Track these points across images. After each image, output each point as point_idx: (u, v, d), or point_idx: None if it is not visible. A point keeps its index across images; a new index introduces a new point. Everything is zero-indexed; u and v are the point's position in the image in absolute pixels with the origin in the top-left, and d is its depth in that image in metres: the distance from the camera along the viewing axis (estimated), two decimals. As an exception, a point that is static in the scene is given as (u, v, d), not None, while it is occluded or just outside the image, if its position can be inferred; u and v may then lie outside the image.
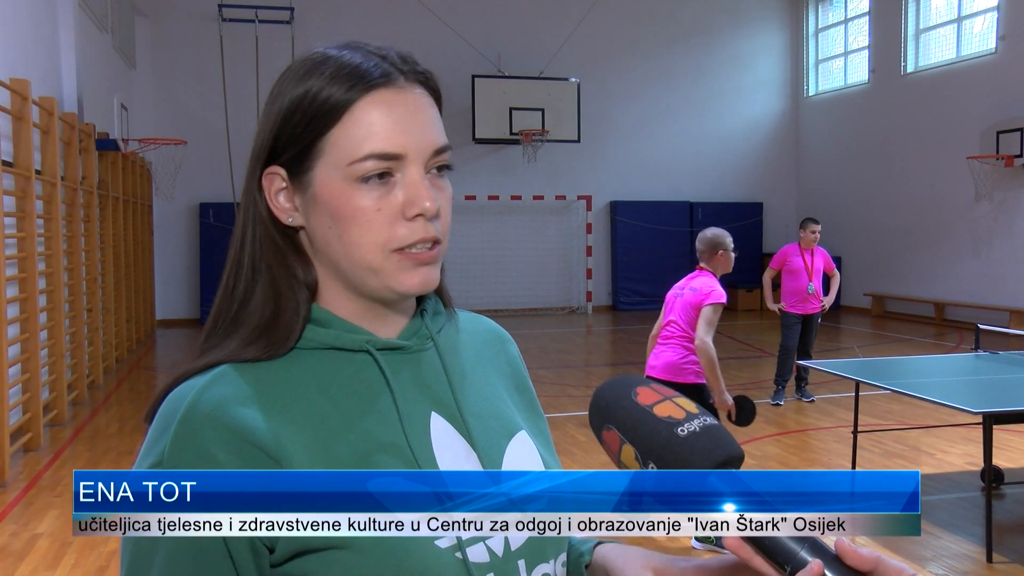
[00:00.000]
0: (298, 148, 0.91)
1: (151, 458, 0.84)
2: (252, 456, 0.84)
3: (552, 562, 0.96)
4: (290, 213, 0.93)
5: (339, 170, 0.89)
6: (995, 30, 13.37)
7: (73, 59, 9.33)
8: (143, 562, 0.83)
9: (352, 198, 0.89)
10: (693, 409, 0.82)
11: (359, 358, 0.94)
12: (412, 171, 0.90)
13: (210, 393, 0.86)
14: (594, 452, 6.27)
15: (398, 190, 0.89)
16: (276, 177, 0.93)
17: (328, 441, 0.88)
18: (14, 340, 6.49)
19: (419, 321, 1.00)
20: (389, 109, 0.89)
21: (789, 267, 8.00)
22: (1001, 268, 13.19)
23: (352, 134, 0.89)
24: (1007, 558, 4.32)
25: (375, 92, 0.89)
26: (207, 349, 0.93)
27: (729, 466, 0.79)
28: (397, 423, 0.92)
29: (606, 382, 0.88)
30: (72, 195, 8.45)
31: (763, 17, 17.95)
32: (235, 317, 0.94)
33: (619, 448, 0.83)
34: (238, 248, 0.96)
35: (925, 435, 6.68)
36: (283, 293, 0.93)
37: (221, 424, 0.84)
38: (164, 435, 0.85)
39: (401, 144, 0.89)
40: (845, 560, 0.74)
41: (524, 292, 16.81)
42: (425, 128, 0.91)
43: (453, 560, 0.86)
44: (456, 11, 15.92)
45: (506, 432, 1.00)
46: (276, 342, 0.91)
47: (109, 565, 4.34)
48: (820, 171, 17.50)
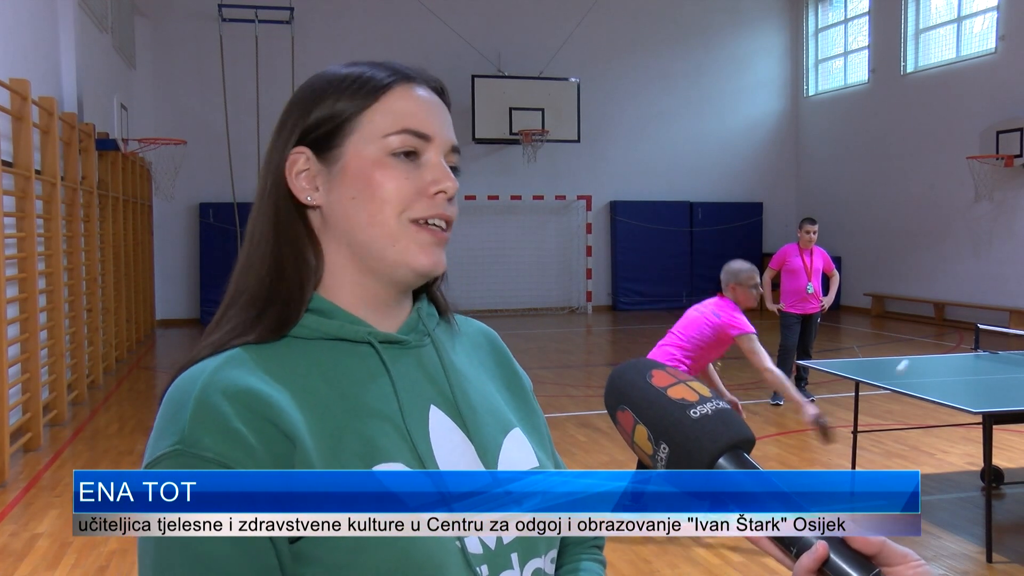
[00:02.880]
0: (333, 125, 0.96)
1: (171, 437, 0.84)
2: (269, 433, 0.85)
3: (543, 557, 0.98)
4: (309, 192, 0.97)
5: (372, 143, 0.96)
6: (995, 30, 13.37)
7: (73, 59, 9.33)
8: (169, 541, 0.81)
9: (381, 167, 0.95)
10: (706, 392, 0.83)
11: (361, 349, 0.96)
12: (435, 155, 0.98)
13: (224, 373, 0.87)
14: (594, 452, 6.27)
15: (424, 169, 0.97)
16: (301, 157, 0.97)
17: (332, 429, 0.89)
18: (14, 340, 6.49)
19: (416, 317, 1.03)
20: (418, 99, 0.98)
21: (788, 267, 8.00)
22: (1001, 268, 13.19)
23: (388, 111, 0.96)
24: (1007, 558, 4.32)
25: (406, 84, 0.98)
26: (217, 325, 0.95)
27: (740, 449, 0.80)
28: (398, 414, 0.94)
29: (622, 364, 0.90)
30: (72, 195, 8.45)
31: (763, 17, 17.95)
32: (245, 292, 0.96)
33: (632, 428, 0.84)
34: (253, 224, 0.99)
35: (925, 435, 6.68)
36: (287, 272, 0.95)
37: (239, 400, 0.85)
38: (181, 413, 0.85)
39: (431, 128, 0.98)
40: (851, 543, 0.75)
41: (524, 292, 16.81)
42: (445, 124, 1.00)
43: (454, 548, 0.89)
44: (456, 11, 15.92)
45: (502, 428, 1.02)
46: (279, 321, 0.93)
47: (109, 565, 4.34)
48: (820, 171, 17.50)
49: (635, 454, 0.86)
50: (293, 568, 0.85)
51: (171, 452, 0.83)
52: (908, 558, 0.74)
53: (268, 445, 0.84)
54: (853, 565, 0.74)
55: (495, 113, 15.79)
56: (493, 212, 16.52)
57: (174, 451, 0.83)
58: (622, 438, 0.86)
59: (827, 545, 0.74)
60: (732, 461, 0.79)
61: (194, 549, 0.81)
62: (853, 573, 0.74)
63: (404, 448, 0.91)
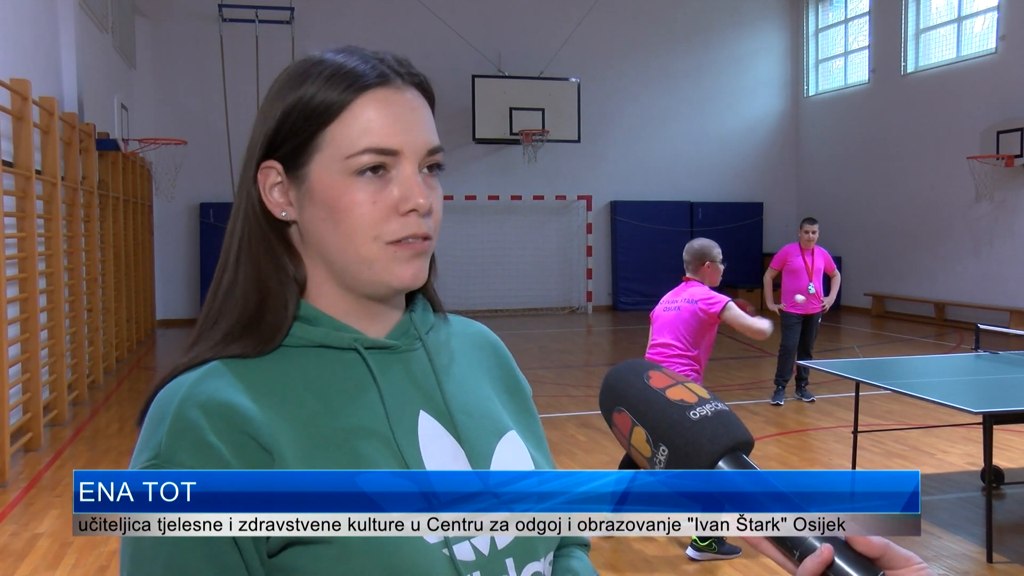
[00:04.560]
0: (296, 142, 0.92)
1: (148, 452, 0.85)
2: (246, 446, 0.84)
3: (542, 560, 0.96)
4: (283, 207, 0.94)
5: (336, 163, 0.91)
6: (995, 30, 13.36)
7: (73, 59, 9.33)
8: (148, 556, 0.83)
9: (348, 191, 0.90)
10: (705, 394, 0.83)
11: (347, 356, 0.95)
12: (407, 168, 0.91)
13: (203, 386, 0.87)
14: (594, 452, 6.26)
15: (393, 186, 0.91)
16: (272, 171, 0.94)
17: (316, 438, 0.88)
18: (14, 340, 6.49)
19: (408, 320, 1.01)
20: (386, 108, 0.91)
21: (789, 267, 8.00)
22: (1001, 268, 13.19)
23: (350, 129, 0.90)
24: (1007, 558, 4.32)
25: (372, 91, 0.91)
26: (195, 342, 0.94)
27: (739, 451, 0.80)
28: (384, 421, 0.92)
29: (618, 365, 0.89)
30: (72, 195, 8.45)
31: (763, 17, 17.95)
32: (220, 309, 0.94)
33: (630, 431, 0.83)
34: (228, 241, 0.96)
35: (925, 435, 6.68)
36: (271, 288, 0.93)
37: (216, 414, 0.84)
38: (159, 428, 0.85)
39: (397, 141, 0.91)
40: (854, 546, 0.74)
41: (524, 292, 16.80)
42: (420, 128, 0.93)
43: (440, 556, 0.87)
44: (456, 11, 15.92)
45: (496, 431, 1.00)
46: (263, 337, 0.92)
47: (109, 565, 4.34)
48: (820, 171, 17.49)
49: (632, 456, 0.85)
50: None
51: (147, 467, 0.84)
52: (911, 561, 0.74)
53: (244, 458, 0.84)
54: (857, 568, 0.73)
55: (495, 113, 15.79)
56: (493, 212, 16.52)
57: (151, 465, 0.84)
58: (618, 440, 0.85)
59: (832, 548, 0.74)
60: (731, 463, 0.79)
61: (170, 568, 0.82)
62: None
63: (390, 456, 0.90)
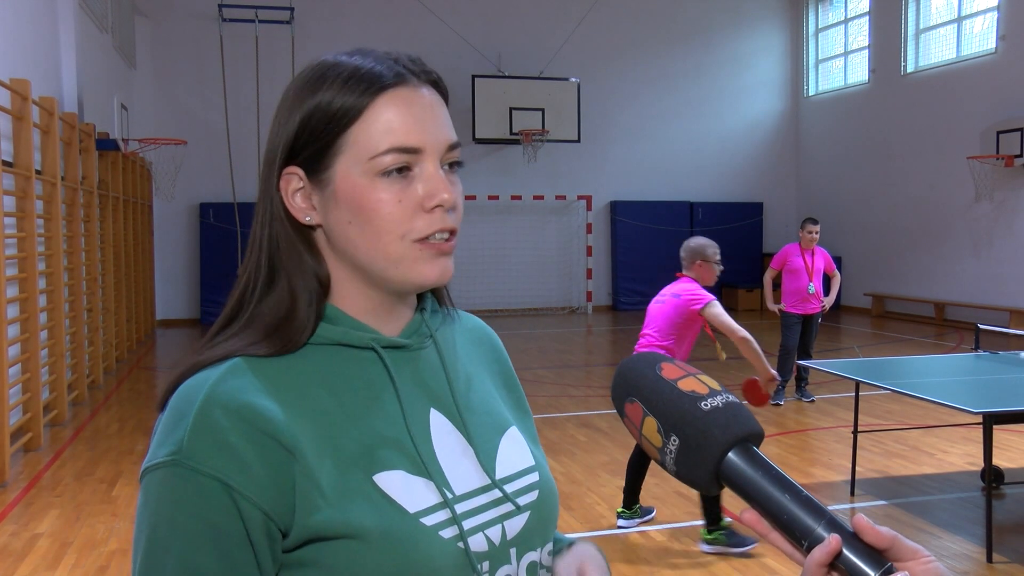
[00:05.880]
0: (317, 147, 0.93)
1: (169, 447, 0.85)
2: (268, 446, 0.85)
3: (539, 550, 1.00)
4: (307, 212, 0.95)
5: (359, 165, 0.92)
6: (995, 30, 13.36)
7: (73, 59, 9.33)
8: (161, 547, 0.83)
9: (373, 192, 0.92)
10: (716, 386, 0.84)
11: (364, 355, 0.96)
12: (429, 165, 0.93)
13: (226, 385, 0.88)
14: (595, 452, 6.25)
15: (417, 183, 0.93)
16: (294, 177, 0.95)
17: (334, 436, 0.90)
18: (14, 340, 6.49)
19: (419, 319, 1.03)
20: (405, 107, 0.92)
21: (789, 267, 8.00)
22: (1001, 268, 13.19)
23: (372, 130, 0.91)
24: (1007, 558, 4.32)
25: (390, 91, 0.92)
26: (219, 343, 0.94)
27: (749, 442, 0.81)
28: (400, 419, 0.94)
29: (630, 357, 0.90)
30: (72, 195, 8.45)
31: (763, 17, 17.95)
32: (251, 316, 0.95)
33: (641, 421, 0.84)
34: (256, 249, 0.97)
35: (925, 435, 6.68)
36: (298, 294, 0.94)
37: (238, 414, 0.85)
38: (182, 423, 0.86)
39: (419, 139, 0.92)
40: (862, 537, 0.75)
41: (524, 292, 16.81)
42: (439, 124, 0.94)
43: (455, 549, 0.90)
44: (456, 11, 15.92)
45: (499, 428, 1.04)
46: (290, 339, 0.93)
47: (109, 565, 4.33)
48: (820, 171, 17.50)
49: (643, 447, 0.86)
50: (289, 574, 0.87)
51: (168, 461, 0.84)
52: (919, 554, 0.74)
53: (265, 458, 0.85)
54: (865, 559, 0.74)
55: (495, 113, 15.80)
56: (493, 212, 16.53)
57: (171, 461, 0.84)
58: (628, 432, 0.87)
59: (840, 539, 0.74)
60: (741, 454, 0.80)
61: (182, 561, 0.82)
62: (865, 567, 0.73)
63: (406, 455, 0.92)
